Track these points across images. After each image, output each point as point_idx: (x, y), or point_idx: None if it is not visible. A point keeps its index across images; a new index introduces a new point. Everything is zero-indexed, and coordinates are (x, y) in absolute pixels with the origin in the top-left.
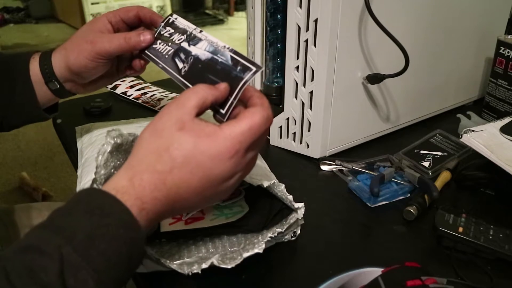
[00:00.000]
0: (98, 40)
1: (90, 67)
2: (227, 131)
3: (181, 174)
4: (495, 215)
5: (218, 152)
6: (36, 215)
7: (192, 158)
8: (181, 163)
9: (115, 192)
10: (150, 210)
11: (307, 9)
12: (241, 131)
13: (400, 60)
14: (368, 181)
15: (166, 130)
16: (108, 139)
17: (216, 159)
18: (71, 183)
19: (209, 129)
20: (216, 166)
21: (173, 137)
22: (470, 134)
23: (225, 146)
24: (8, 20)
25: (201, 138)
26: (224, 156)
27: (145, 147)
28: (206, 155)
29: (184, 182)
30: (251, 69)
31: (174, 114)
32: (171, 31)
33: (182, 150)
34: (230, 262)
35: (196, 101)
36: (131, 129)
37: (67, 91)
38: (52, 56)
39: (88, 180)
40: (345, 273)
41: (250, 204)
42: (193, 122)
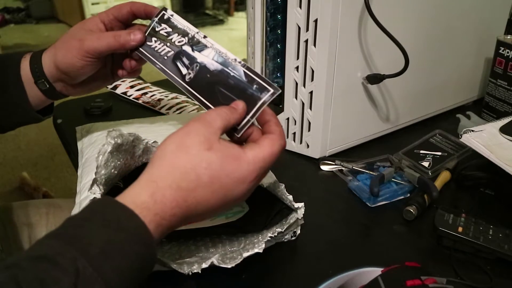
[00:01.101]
0: (87, 38)
1: (78, 66)
2: (250, 156)
3: (204, 193)
4: (495, 215)
5: (241, 175)
6: (34, 213)
7: (217, 179)
8: (206, 183)
9: (134, 206)
10: (166, 225)
11: (307, 9)
12: (263, 158)
13: (399, 60)
14: (368, 181)
15: (195, 147)
16: (109, 139)
17: (238, 182)
18: (71, 183)
19: (234, 151)
20: (237, 188)
21: (202, 156)
22: (469, 134)
23: (248, 171)
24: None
25: (228, 160)
26: (245, 180)
27: (171, 162)
28: (230, 177)
29: (205, 201)
30: (269, 90)
31: (202, 133)
32: (168, 29)
33: (209, 170)
34: (230, 261)
35: (221, 123)
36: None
37: (58, 92)
38: (42, 55)
39: (89, 180)
40: (345, 273)
41: (250, 204)
42: (219, 143)
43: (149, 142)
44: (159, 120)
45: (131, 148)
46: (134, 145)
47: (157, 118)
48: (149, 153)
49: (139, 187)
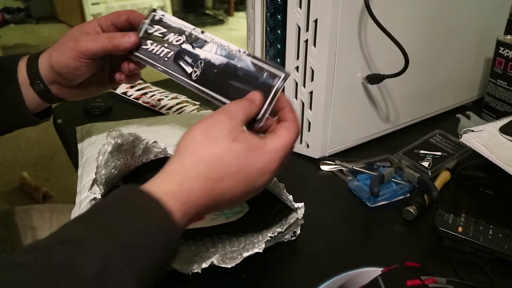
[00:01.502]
0: (82, 39)
1: (72, 67)
2: (271, 146)
3: (231, 183)
4: (495, 215)
5: (264, 166)
6: (37, 217)
7: (243, 169)
8: (233, 173)
9: (162, 195)
10: (192, 214)
11: (307, 9)
12: (281, 147)
13: (399, 60)
14: (368, 181)
15: (220, 138)
16: (109, 139)
17: (261, 172)
18: (72, 183)
19: (257, 142)
20: (259, 178)
21: (228, 147)
22: (469, 134)
23: (270, 161)
24: (8, 20)
25: (252, 151)
26: (268, 170)
27: (198, 153)
28: (255, 168)
29: (230, 191)
30: (280, 76)
31: (227, 125)
32: (163, 30)
33: (236, 161)
34: (230, 261)
35: (243, 116)
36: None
37: (54, 95)
38: (39, 57)
39: (89, 180)
40: (345, 272)
41: (250, 204)
42: (243, 134)
43: (149, 142)
44: (159, 120)
45: (131, 148)
46: (134, 145)
47: (157, 118)
48: (149, 153)
49: (166, 177)
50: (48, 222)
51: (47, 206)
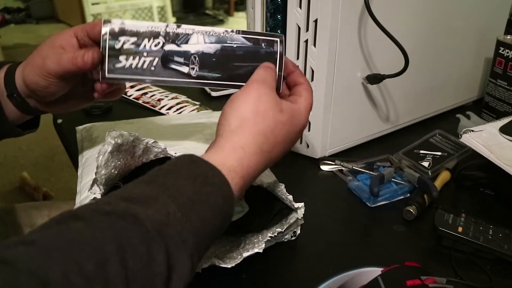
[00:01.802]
0: (50, 57)
1: (42, 85)
2: (302, 108)
3: (280, 149)
4: (495, 215)
5: (302, 126)
6: (36, 214)
7: (289, 134)
8: (282, 141)
9: (221, 167)
10: (248, 184)
11: (307, 9)
12: (308, 106)
13: (399, 60)
14: (368, 181)
15: (269, 112)
16: (109, 139)
17: (300, 131)
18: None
19: (295, 107)
20: (298, 135)
21: (277, 118)
22: (469, 134)
23: (305, 120)
24: (8, 20)
25: (294, 117)
26: (302, 128)
27: (252, 128)
28: (297, 130)
29: (277, 155)
30: (277, 41)
31: (272, 97)
32: (132, 39)
33: (285, 130)
34: (230, 261)
35: (274, 83)
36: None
37: (33, 108)
38: (17, 69)
39: (89, 180)
40: (345, 272)
41: (250, 204)
42: (285, 103)
43: (149, 142)
44: (159, 120)
45: (131, 148)
46: (134, 145)
47: (157, 118)
48: (149, 153)
49: (225, 153)
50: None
51: (46, 204)
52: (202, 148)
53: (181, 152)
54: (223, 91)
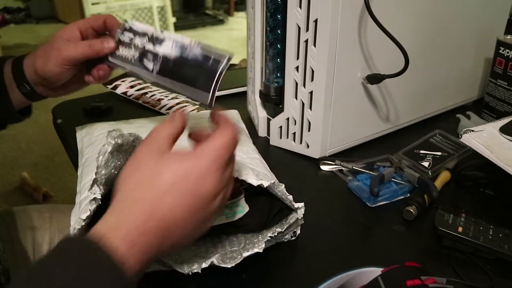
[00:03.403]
0: (65, 48)
1: (56, 72)
2: (207, 148)
3: (172, 198)
4: (495, 215)
5: (204, 168)
6: (37, 217)
7: (180, 180)
8: (170, 187)
9: (102, 234)
10: (143, 242)
11: (307, 9)
12: (219, 146)
13: (400, 60)
14: (368, 181)
15: (148, 161)
16: (109, 139)
17: (202, 176)
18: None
19: (188, 151)
20: (202, 184)
21: (157, 164)
22: (469, 134)
23: (207, 162)
24: (8, 20)
25: (185, 159)
26: (208, 172)
27: (129, 182)
28: (193, 175)
29: (177, 206)
30: (222, 61)
31: (151, 145)
32: (131, 36)
33: (169, 175)
34: (230, 261)
35: (167, 132)
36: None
37: (38, 95)
38: (24, 61)
39: (89, 180)
40: (345, 273)
41: (250, 204)
42: (170, 149)
43: None
44: (159, 120)
45: (131, 148)
46: (134, 145)
47: (157, 118)
48: None
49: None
50: (48, 222)
51: (47, 206)
52: None
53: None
54: (223, 91)
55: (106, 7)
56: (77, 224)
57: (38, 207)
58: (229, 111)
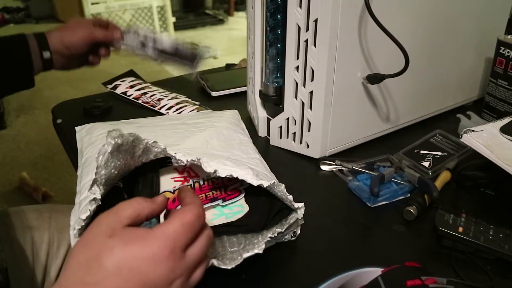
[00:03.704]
0: (93, 29)
1: (80, 45)
2: (159, 231)
3: (115, 283)
4: (495, 215)
5: (152, 253)
6: (36, 216)
7: (124, 264)
8: (113, 272)
9: None
10: None
11: (307, 9)
12: (173, 230)
13: (400, 60)
14: (368, 181)
15: (96, 239)
16: (109, 139)
17: (150, 262)
18: (71, 183)
19: (140, 232)
20: (152, 270)
21: (103, 244)
22: (470, 134)
23: (159, 247)
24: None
25: (132, 242)
26: (158, 257)
27: (75, 260)
28: (139, 259)
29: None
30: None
31: (104, 222)
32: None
33: (112, 258)
34: (230, 262)
35: (130, 212)
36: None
37: (52, 64)
38: (47, 35)
39: (88, 180)
40: (345, 273)
41: (250, 204)
42: (123, 229)
43: (149, 142)
44: (159, 120)
45: (131, 148)
46: (134, 145)
47: (157, 118)
48: (149, 153)
49: None
50: (47, 222)
51: (47, 206)
52: (201, 148)
53: (181, 152)
54: (223, 91)
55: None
56: (77, 224)
57: (37, 207)
58: (229, 111)
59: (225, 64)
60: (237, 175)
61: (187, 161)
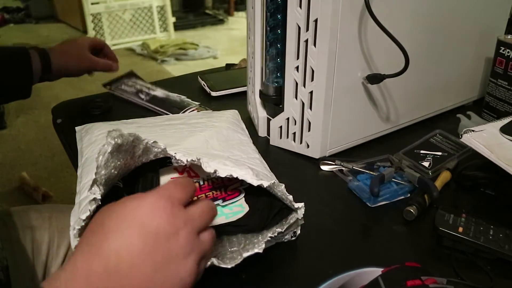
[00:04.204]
0: (95, 61)
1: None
2: (153, 191)
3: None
4: (495, 215)
5: (149, 204)
6: (36, 216)
7: (123, 219)
8: (114, 228)
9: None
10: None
11: (307, 9)
12: (166, 186)
13: (400, 60)
14: (368, 181)
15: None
16: (109, 139)
17: (148, 212)
18: (71, 183)
19: (137, 195)
20: (151, 219)
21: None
22: (470, 134)
23: (154, 198)
24: (8, 20)
25: (130, 199)
26: (155, 207)
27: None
28: (137, 211)
29: (124, 245)
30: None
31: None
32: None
33: (113, 217)
34: (230, 262)
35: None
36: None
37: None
38: (50, 55)
39: (88, 180)
40: (345, 273)
41: (250, 204)
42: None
43: (149, 142)
44: (159, 120)
45: (131, 148)
46: (134, 145)
47: (157, 118)
48: (149, 153)
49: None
50: (47, 222)
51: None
52: (201, 148)
53: (181, 152)
54: (223, 91)
55: (105, 6)
56: (76, 224)
57: (37, 207)
58: (229, 111)
59: (225, 64)
60: (237, 175)
61: (187, 161)
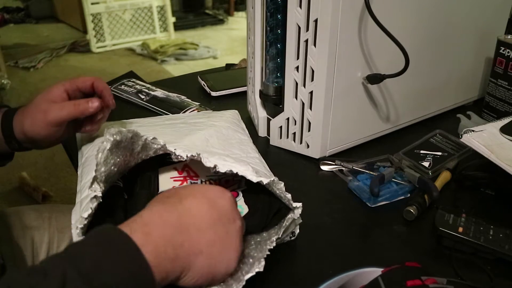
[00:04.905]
0: (51, 109)
1: (43, 135)
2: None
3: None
4: (495, 215)
5: (217, 188)
6: (36, 217)
7: (197, 192)
8: (189, 195)
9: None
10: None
11: (307, 9)
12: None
13: (400, 60)
14: (368, 181)
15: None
16: (107, 136)
17: (218, 191)
18: (71, 183)
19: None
20: (219, 196)
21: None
22: (470, 134)
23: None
24: (8, 20)
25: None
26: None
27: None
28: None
29: (195, 207)
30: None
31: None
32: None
33: (187, 188)
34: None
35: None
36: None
37: (24, 148)
38: (13, 118)
39: (89, 179)
40: (345, 273)
41: (249, 205)
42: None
43: (148, 139)
44: (159, 119)
45: (130, 145)
46: (133, 142)
47: (157, 118)
48: (148, 149)
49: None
50: (47, 222)
51: (47, 206)
52: (201, 146)
53: (181, 149)
54: (223, 91)
55: (105, 6)
56: (79, 223)
57: (37, 207)
58: (229, 111)
59: (225, 64)
60: (237, 170)
61: (187, 156)
